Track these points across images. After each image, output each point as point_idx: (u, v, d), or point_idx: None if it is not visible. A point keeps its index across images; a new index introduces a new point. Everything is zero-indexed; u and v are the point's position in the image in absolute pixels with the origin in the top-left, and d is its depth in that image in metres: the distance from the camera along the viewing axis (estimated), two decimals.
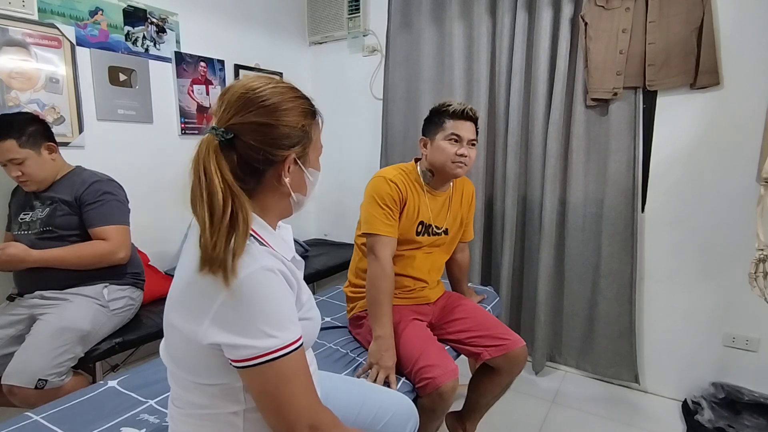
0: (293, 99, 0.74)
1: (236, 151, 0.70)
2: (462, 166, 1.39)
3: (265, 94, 0.72)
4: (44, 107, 1.77)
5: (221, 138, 0.69)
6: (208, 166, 0.66)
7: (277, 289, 0.67)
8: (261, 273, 0.65)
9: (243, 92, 0.72)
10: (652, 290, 2.01)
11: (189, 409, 0.74)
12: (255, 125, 0.70)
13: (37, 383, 1.32)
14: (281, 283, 0.68)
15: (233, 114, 0.71)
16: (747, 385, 1.80)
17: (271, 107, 0.71)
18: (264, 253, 0.68)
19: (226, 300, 0.63)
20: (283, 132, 0.72)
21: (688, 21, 1.74)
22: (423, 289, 1.52)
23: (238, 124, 0.70)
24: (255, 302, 0.64)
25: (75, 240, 1.51)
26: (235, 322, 0.64)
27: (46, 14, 1.76)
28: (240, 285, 0.63)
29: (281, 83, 0.75)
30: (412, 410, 1.07)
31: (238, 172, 0.70)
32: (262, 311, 0.64)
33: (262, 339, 0.64)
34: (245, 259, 0.65)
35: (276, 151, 0.72)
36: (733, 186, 1.78)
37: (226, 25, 2.42)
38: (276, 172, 0.74)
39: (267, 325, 0.64)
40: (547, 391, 2.08)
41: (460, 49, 2.26)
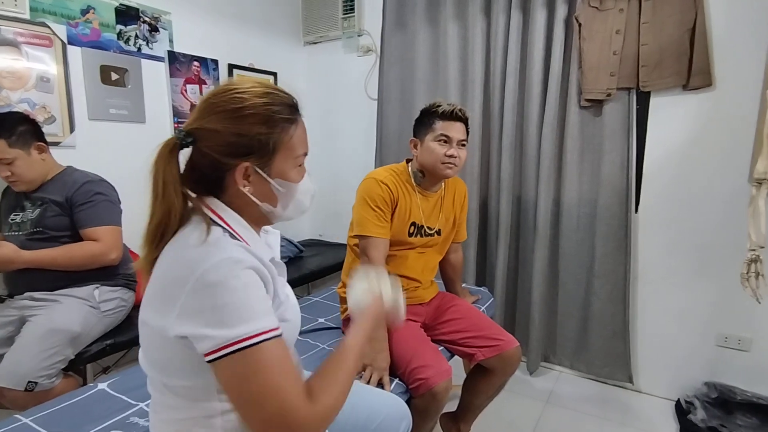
0: (258, 105, 0.71)
1: (195, 154, 0.72)
2: (452, 167, 1.39)
3: (227, 99, 0.70)
4: (35, 107, 1.76)
5: (180, 141, 0.69)
6: (158, 169, 0.69)
7: (245, 280, 0.64)
8: (227, 263, 0.64)
9: (209, 96, 0.72)
10: (646, 290, 2.01)
11: (167, 414, 0.72)
12: (208, 132, 0.70)
13: (27, 385, 1.31)
14: (251, 275, 0.66)
15: (196, 118, 0.71)
16: (739, 385, 1.81)
17: (226, 113, 0.70)
18: (234, 246, 0.67)
19: (192, 290, 0.62)
20: (231, 140, 0.70)
21: (681, 22, 1.75)
22: (416, 289, 1.51)
23: (197, 129, 0.70)
24: (220, 291, 0.62)
25: (66, 241, 1.49)
26: (201, 312, 0.62)
27: (37, 13, 1.75)
28: (205, 274, 0.62)
29: (258, 87, 0.72)
30: (405, 411, 1.07)
31: (190, 176, 0.72)
32: (228, 300, 0.62)
33: (229, 328, 0.61)
34: (211, 250, 0.65)
35: (224, 159, 0.71)
36: (725, 187, 1.79)
37: (219, 24, 2.41)
38: (231, 179, 0.72)
39: (234, 314, 0.62)
40: (542, 391, 2.09)
41: (454, 50, 2.26)
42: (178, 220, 0.70)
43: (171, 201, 0.68)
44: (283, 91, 0.76)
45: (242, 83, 0.72)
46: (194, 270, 0.63)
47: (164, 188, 0.68)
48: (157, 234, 0.70)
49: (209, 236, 0.67)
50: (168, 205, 0.68)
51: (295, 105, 0.76)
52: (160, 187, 0.69)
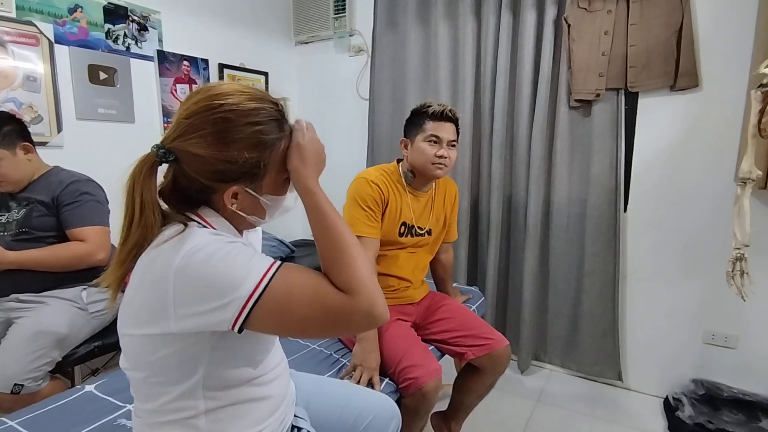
0: (247, 126, 0.66)
1: (176, 172, 0.68)
2: (442, 167, 1.39)
3: (213, 120, 0.65)
4: (21, 106, 1.73)
5: (161, 158, 0.66)
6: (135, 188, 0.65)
7: (226, 247, 0.63)
8: (199, 244, 0.62)
9: (192, 113, 0.66)
10: (635, 289, 2.04)
11: (150, 417, 0.72)
12: (194, 155, 0.66)
13: (13, 388, 1.29)
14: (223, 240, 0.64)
15: (177, 136, 0.66)
16: (726, 382, 1.83)
17: (213, 137, 0.65)
18: (207, 233, 0.65)
19: (176, 283, 0.61)
20: (219, 167, 0.66)
21: (668, 24, 1.77)
22: (407, 288, 1.52)
23: (178, 149, 0.66)
24: (204, 267, 0.61)
25: (52, 241, 1.47)
26: (197, 295, 0.61)
27: (24, 11, 1.72)
28: (182, 263, 0.61)
29: (248, 99, 0.68)
30: (395, 410, 1.07)
31: (171, 194, 0.69)
32: (217, 270, 0.61)
33: (234, 290, 0.60)
34: (181, 242, 0.62)
35: (213, 184, 0.68)
36: (712, 186, 1.81)
37: (210, 23, 2.39)
38: (218, 197, 0.70)
39: (231, 275, 0.61)
40: (533, 389, 2.10)
41: (445, 50, 2.27)
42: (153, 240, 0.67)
43: (149, 224, 0.65)
44: (269, 99, 0.71)
45: (226, 94, 0.67)
46: (170, 265, 0.61)
47: (142, 210, 0.65)
48: (130, 255, 0.67)
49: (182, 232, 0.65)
50: (146, 229, 0.65)
51: (283, 114, 0.73)
52: (137, 208, 0.65)
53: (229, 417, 0.72)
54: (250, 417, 0.74)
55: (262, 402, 0.76)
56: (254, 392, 0.74)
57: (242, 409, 0.73)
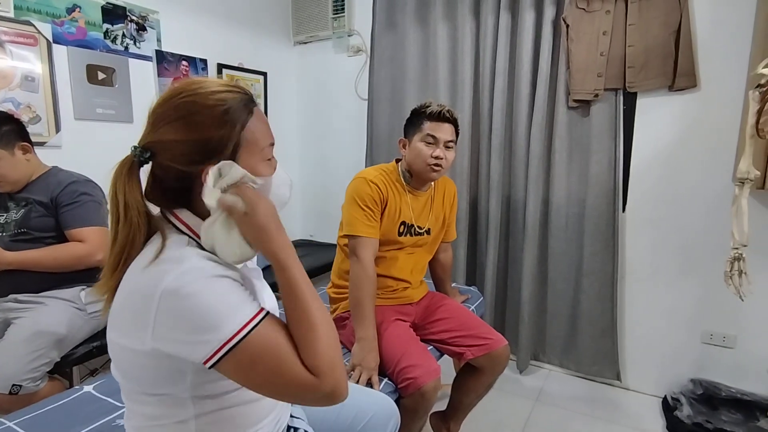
0: (209, 107, 0.67)
1: (155, 168, 0.69)
2: (438, 170, 1.39)
3: (176, 105, 0.67)
4: (19, 106, 1.73)
5: (137, 158, 0.67)
6: (117, 191, 0.66)
7: (211, 281, 0.62)
8: (189, 273, 0.61)
9: (158, 106, 0.68)
10: (633, 289, 2.04)
11: (140, 421, 0.71)
12: (165, 143, 0.67)
13: (11, 389, 1.29)
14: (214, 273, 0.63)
15: (149, 131, 0.68)
16: (724, 381, 1.84)
17: (179, 121, 0.66)
18: (196, 256, 0.64)
19: (161, 306, 0.60)
20: (190, 148, 0.67)
21: (666, 24, 1.77)
22: (406, 289, 1.52)
23: (153, 142, 0.67)
24: (191, 300, 0.60)
25: (50, 242, 1.47)
26: (177, 326, 0.60)
27: (22, 11, 1.72)
28: (170, 287, 0.60)
29: (208, 84, 0.69)
30: (393, 410, 1.07)
31: (153, 191, 0.70)
32: (202, 305, 0.60)
33: (215, 332, 0.60)
34: (172, 263, 0.62)
35: (186, 168, 0.67)
36: (710, 186, 1.82)
37: (208, 23, 2.39)
38: (199, 185, 0.68)
39: (214, 315, 0.60)
40: (531, 389, 2.10)
41: (444, 50, 2.27)
42: (142, 243, 0.67)
43: (134, 223, 0.66)
44: (235, 86, 0.72)
45: (189, 86, 0.68)
46: (158, 285, 0.60)
47: (125, 210, 0.66)
48: (120, 259, 0.67)
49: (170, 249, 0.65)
50: (131, 228, 0.66)
51: (250, 97, 0.72)
52: (122, 209, 0.66)
53: (220, 421, 0.71)
54: (242, 420, 0.74)
55: (256, 404, 0.75)
56: (246, 395, 0.73)
57: (234, 413, 0.72)
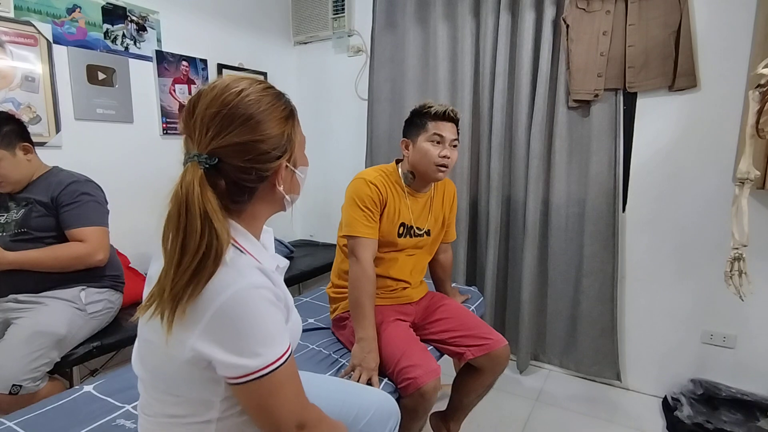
0: (271, 105, 0.70)
1: (223, 175, 0.67)
2: (444, 170, 1.39)
3: (242, 106, 0.67)
4: (20, 106, 1.73)
5: (205, 165, 0.64)
6: (192, 202, 0.62)
7: (265, 306, 0.65)
8: (248, 291, 0.63)
9: (217, 109, 0.66)
10: (633, 289, 2.04)
11: (160, 417, 0.72)
12: (240, 146, 0.66)
13: (12, 389, 1.29)
14: (269, 298, 0.66)
15: (213, 136, 0.66)
16: (724, 381, 1.83)
17: (252, 122, 0.67)
18: (251, 268, 0.66)
19: (216, 315, 0.62)
20: (270, 145, 0.69)
21: (666, 24, 1.77)
22: (405, 289, 1.52)
23: (220, 147, 0.66)
24: (245, 320, 0.63)
25: (51, 242, 1.47)
26: (226, 339, 0.63)
27: (22, 11, 1.72)
28: (229, 302, 0.62)
29: (254, 87, 0.70)
30: (394, 407, 1.07)
31: (227, 198, 0.68)
32: (251, 329, 0.63)
33: (253, 358, 0.63)
34: (231, 274, 0.63)
35: (267, 166, 0.69)
36: (710, 186, 1.82)
37: (208, 24, 2.39)
38: (269, 183, 0.72)
39: (257, 343, 0.64)
40: (531, 389, 2.10)
41: (444, 50, 2.27)
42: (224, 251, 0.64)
43: (218, 230, 0.63)
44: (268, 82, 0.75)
45: (237, 83, 0.69)
46: (218, 294, 0.62)
47: (204, 220, 0.62)
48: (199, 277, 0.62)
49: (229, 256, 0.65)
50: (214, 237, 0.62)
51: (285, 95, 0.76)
52: (197, 221, 0.62)
53: (241, 424, 0.73)
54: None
55: None
56: None
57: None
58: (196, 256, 0.61)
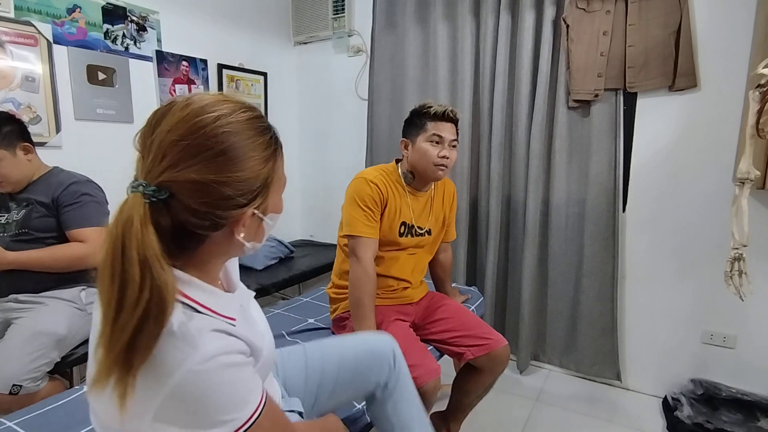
0: (250, 140, 0.57)
1: (170, 213, 0.54)
2: (443, 169, 1.40)
3: (213, 137, 0.54)
4: (20, 106, 1.73)
5: (151, 199, 0.53)
6: (129, 244, 0.50)
7: (228, 374, 0.56)
8: (204, 365, 0.53)
9: (181, 136, 0.54)
10: (633, 289, 2.04)
11: None
12: (198, 185, 0.54)
13: (12, 389, 1.29)
14: (231, 362, 0.56)
15: (168, 166, 0.53)
16: (724, 381, 1.83)
17: (221, 159, 0.55)
18: (204, 334, 0.55)
19: (170, 398, 0.53)
20: (236, 190, 0.56)
21: (666, 24, 1.77)
22: (406, 289, 1.52)
23: (173, 181, 0.53)
24: (204, 398, 0.54)
25: (51, 242, 1.47)
26: (187, 420, 0.54)
27: (22, 12, 1.72)
28: (183, 383, 0.52)
29: (237, 114, 0.57)
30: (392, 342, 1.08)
31: (170, 242, 0.55)
32: (214, 404, 0.55)
33: (222, 426, 0.55)
34: (182, 347, 0.53)
35: (228, 213, 0.57)
36: (710, 186, 1.82)
37: (208, 24, 2.39)
38: (227, 231, 0.59)
39: (224, 413, 0.56)
40: (532, 389, 2.10)
41: (444, 50, 2.27)
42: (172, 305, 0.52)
43: (161, 282, 0.51)
44: (255, 108, 0.62)
45: (217, 106, 0.56)
46: (169, 375, 0.52)
47: (143, 267, 0.50)
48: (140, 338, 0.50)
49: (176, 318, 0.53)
50: (158, 289, 0.50)
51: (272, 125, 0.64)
52: (136, 268, 0.49)
53: None
54: None
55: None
56: None
57: None
58: (135, 312, 0.49)
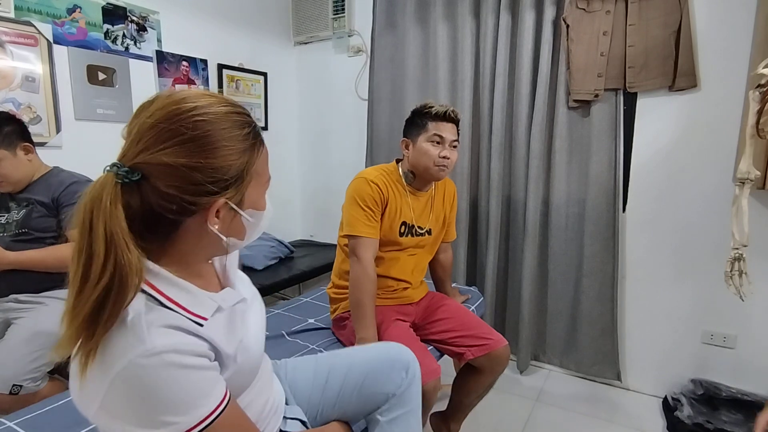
0: (232, 127, 0.59)
1: (141, 196, 0.56)
2: (444, 170, 1.40)
3: (187, 124, 0.56)
4: (20, 106, 1.73)
5: (123, 180, 0.54)
6: (97, 220, 0.52)
7: (172, 373, 0.54)
8: (146, 360, 0.52)
9: (157, 120, 0.56)
10: (633, 289, 2.04)
11: None
12: (168, 167, 0.55)
13: (12, 389, 1.29)
14: (178, 362, 0.55)
15: (142, 149, 0.56)
16: (724, 381, 1.83)
17: (192, 144, 0.56)
18: (154, 329, 0.55)
19: (111, 389, 0.52)
20: (211, 176, 0.57)
21: (666, 24, 1.77)
22: (406, 289, 1.52)
23: (146, 163, 0.55)
24: (146, 392, 0.53)
25: (51, 242, 1.47)
26: (128, 414, 0.53)
27: (22, 12, 1.72)
28: (123, 373, 0.52)
29: (216, 107, 0.59)
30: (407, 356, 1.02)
31: (140, 225, 0.56)
32: (153, 401, 0.53)
33: (163, 427, 0.54)
34: (128, 338, 0.53)
35: (197, 199, 0.58)
36: (710, 186, 1.82)
37: (208, 24, 2.39)
38: (199, 219, 0.60)
39: (165, 413, 0.54)
40: (532, 389, 2.10)
41: (444, 50, 2.27)
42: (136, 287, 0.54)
43: (125, 260, 0.52)
44: (242, 108, 0.64)
45: (193, 97, 0.59)
46: (112, 365, 0.52)
47: (109, 244, 0.52)
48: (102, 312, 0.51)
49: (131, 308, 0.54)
50: (121, 267, 0.52)
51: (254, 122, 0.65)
52: (101, 244, 0.51)
53: None
54: None
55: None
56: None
57: None
58: (98, 286, 0.51)
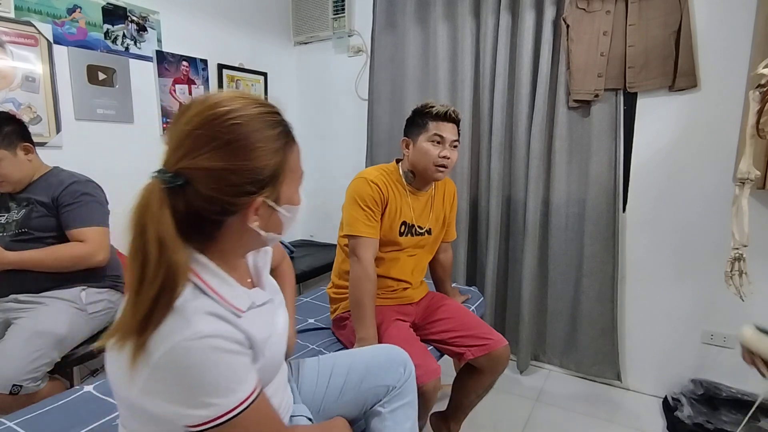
0: (264, 128, 0.62)
1: (186, 200, 0.59)
2: (443, 170, 1.40)
3: (223, 128, 0.59)
4: (20, 106, 1.73)
5: (168, 185, 0.58)
6: (147, 224, 0.55)
7: (215, 356, 0.58)
8: (191, 342, 0.56)
9: (194, 127, 0.59)
10: (633, 289, 2.04)
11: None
12: (208, 171, 0.59)
13: (12, 389, 1.29)
14: (221, 346, 0.59)
15: (183, 155, 0.59)
16: (725, 382, 1.83)
17: (228, 148, 0.59)
18: (200, 315, 0.59)
19: (156, 369, 0.56)
20: (248, 177, 0.61)
21: (667, 24, 1.77)
22: (406, 289, 1.52)
23: (188, 168, 0.59)
24: (188, 374, 0.56)
25: (51, 242, 1.47)
26: (170, 392, 0.57)
27: (22, 12, 1.72)
28: (169, 354, 0.55)
29: (249, 109, 0.62)
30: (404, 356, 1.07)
31: (186, 226, 0.60)
32: (197, 382, 0.57)
33: (205, 408, 0.58)
34: (176, 322, 0.57)
35: (236, 200, 0.61)
36: (710, 186, 1.82)
37: (208, 24, 2.39)
38: (240, 218, 0.64)
39: (207, 395, 0.58)
40: (532, 389, 2.10)
41: (444, 50, 2.27)
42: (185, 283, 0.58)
43: (174, 260, 0.56)
44: (273, 107, 0.67)
45: (227, 100, 0.62)
46: (159, 346, 0.55)
47: (160, 248, 0.55)
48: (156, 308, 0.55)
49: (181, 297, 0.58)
50: (171, 267, 0.56)
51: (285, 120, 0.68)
52: (154, 247, 0.55)
53: None
54: None
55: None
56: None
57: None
58: (153, 285, 0.55)
